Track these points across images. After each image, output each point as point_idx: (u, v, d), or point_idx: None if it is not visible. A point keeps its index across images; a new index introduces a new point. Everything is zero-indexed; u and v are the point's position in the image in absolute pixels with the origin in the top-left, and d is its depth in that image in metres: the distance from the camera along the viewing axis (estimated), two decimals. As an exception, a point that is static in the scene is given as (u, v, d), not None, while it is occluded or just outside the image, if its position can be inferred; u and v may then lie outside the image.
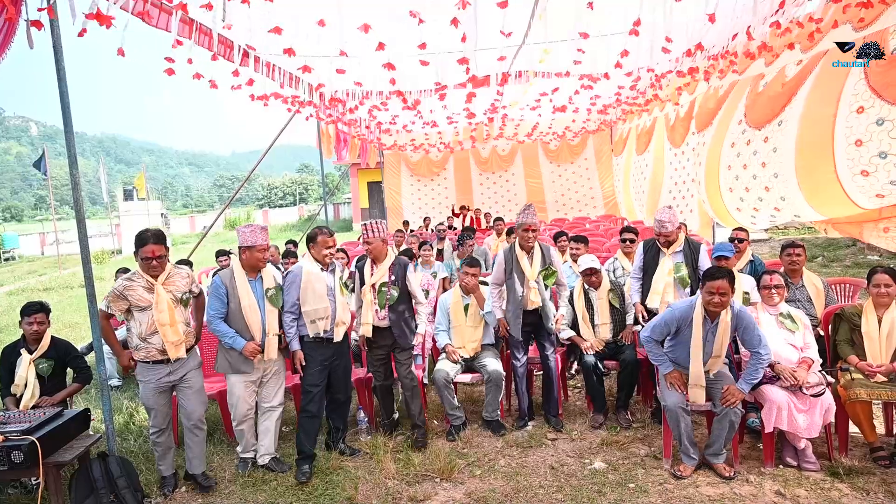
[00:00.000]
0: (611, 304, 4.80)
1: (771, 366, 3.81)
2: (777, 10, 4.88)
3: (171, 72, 4.18)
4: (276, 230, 31.68)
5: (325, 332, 4.05)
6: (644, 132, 10.89)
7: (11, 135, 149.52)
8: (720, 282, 3.52)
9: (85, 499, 3.41)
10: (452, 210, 14.49)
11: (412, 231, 12.61)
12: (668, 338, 3.91)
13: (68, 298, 13.17)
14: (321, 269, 4.09)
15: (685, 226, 9.85)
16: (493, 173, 15.55)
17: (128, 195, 29.62)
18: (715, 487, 3.59)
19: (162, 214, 31.24)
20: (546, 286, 4.53)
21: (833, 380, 3.91)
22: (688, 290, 4.53)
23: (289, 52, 4.15)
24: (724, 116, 7.22)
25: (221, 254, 7.76)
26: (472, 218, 13.91)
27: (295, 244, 9.53)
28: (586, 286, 4.87)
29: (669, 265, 4.56)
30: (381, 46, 4.03)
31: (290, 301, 3.99)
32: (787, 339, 3.94)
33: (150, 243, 3.53)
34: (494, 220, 9.65)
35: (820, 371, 3.80)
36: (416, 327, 4.46)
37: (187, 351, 3.74)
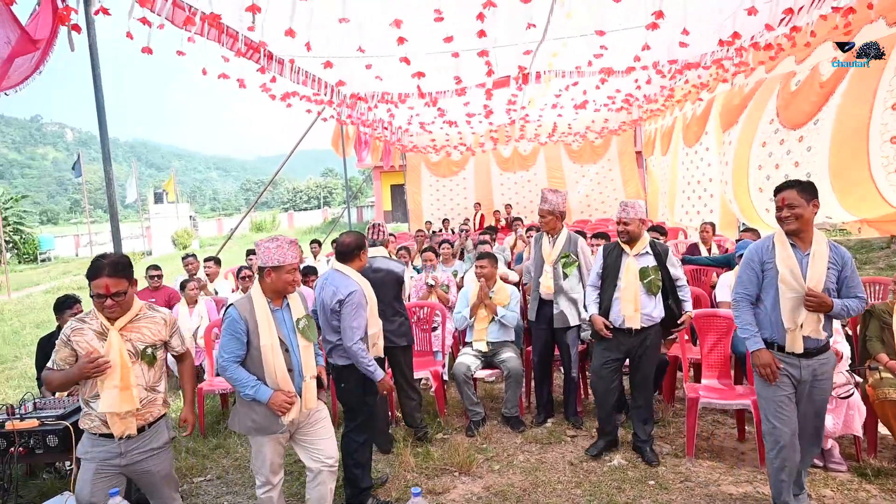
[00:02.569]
0: None
1: None
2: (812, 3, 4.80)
3: (242, 84, 4.23)
4: (301, 232, 32.11)
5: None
6: (666, 132, 10.80)
7: (48, 140, 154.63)
8: (785, 192, 2.92)
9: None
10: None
11: (434, 232, 12.70)
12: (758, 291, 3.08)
13: (100, 297, 13.53)
14: None
15: (682, 229, 9.75)
16: (515, 173, 15.54)
17: (158, 198, 30.35)
18: (738, 486, 3.55)
19: (190, 217, 31.92)
20: (564, 275, 4.46)
21: (861, 379, 3.83)
22: (658, 298, 3.89)
23: (307, 46, 4.20)
24: (751, 115, 7.09)
25: (252, 252, 7.85)
26: (482, 216, 14.04)
27: (319, 244, 9.70)
28: None
29: (635, 268, 3.87)
30: (401, 41, 4.07)
31: (361, 327, 3.37)
32: None
33: (104, 275, 2.53)
34: (513, 220, 9.65)
35: (848, 371, 3.72)
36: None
37: (148, 425, 2.72)
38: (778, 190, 2.98)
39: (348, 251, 3.54)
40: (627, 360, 4.08)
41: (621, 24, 4.76)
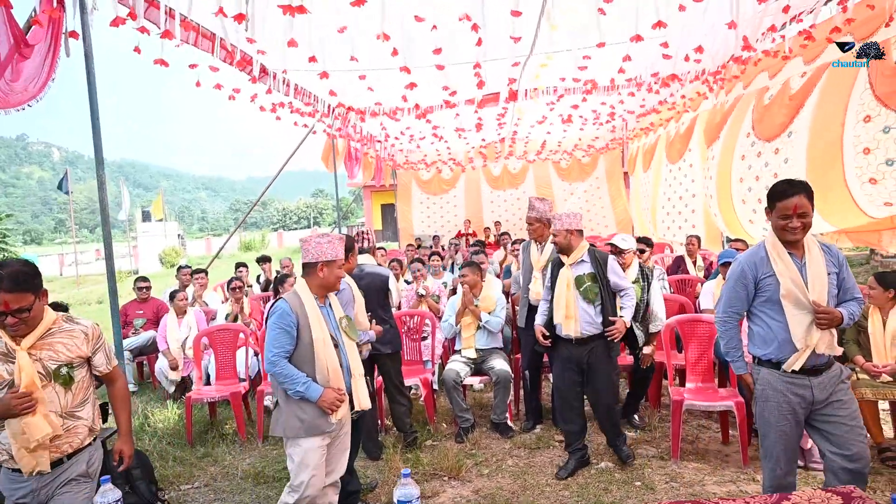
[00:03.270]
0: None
1: None
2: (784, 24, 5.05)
3: (233, 97, 4.33)
4: (291, 251, 32.04)
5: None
6: (649, 150, 11.07)
7: (34, 160, 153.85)
8: (796, 199, 2.50)
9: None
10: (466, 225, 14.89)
11: (421, 247, 12.84)
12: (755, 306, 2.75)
13: (84, 313, 13.44)
14: None
15: (668, 244, 9.90)
16: (504, 191, 15.71)
17: (146, 216, 30.27)
18: (721, 486, 3.60)
19: (179, 235, 31.78)
20: None
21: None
22: (597, 306, 3.81)
23: (312, 59, 4.32)
24: (730, 130, 7.32)
25: (242, 265, 7.88)
26: (473, 232, 14.35)
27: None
28: None
29: (569, 276, 3.86)
30: (395, 52, 4.20)
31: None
32: None
33: (2, 290, 2.15)
34: (500, 235, 9.78)
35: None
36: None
37: (67, 457, 2.35)
38: (780, 195, 2.54)
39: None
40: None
41: (607, 39, 4.91)
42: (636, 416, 4.69)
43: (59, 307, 4.46)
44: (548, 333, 3.96)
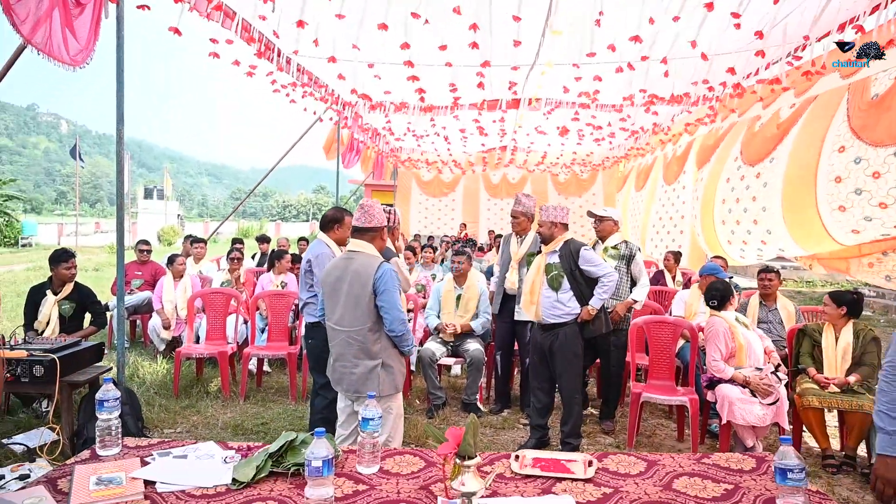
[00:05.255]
0: None
1: (747, 383, 3.95)
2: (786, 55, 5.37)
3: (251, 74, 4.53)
4: (291, 242, 32.34)
5: None
6: (644, 170, 11.39)
7: (42, 130, 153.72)
8: None
9: (90, 419, 3.73)
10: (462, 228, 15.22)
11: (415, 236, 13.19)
12: None
13: (81, 279, 13.59)
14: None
15: (654, 262, 10.19)
16: (502, 199, 15.99)
17: (148, 193, 30.47)
18: (669, 473, 3.84)
19: (178, 216, 32.00)
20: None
21: (784, 377, 4.11)
22: (565, 293, 3.95)
23: (315, 42, 4.55)
24: (721, 153, 7.64)
25: (239, 241, 8.17)
26: (465, 235, 14.65)
27: (307, 241, 10.11)
28: None
29: (541, 263, 4.06)
30: (405, 46, 4.45)
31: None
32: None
33: None
34: (495, 238, 10.08)
35: (773, 373, 4.00)
36: None
37: None
38: None
39: (324, 222, 3.88)
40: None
41: (607, 57, 5.20)
42: (610, 422, 4.70)
43: (67, 253, 4.70)
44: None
